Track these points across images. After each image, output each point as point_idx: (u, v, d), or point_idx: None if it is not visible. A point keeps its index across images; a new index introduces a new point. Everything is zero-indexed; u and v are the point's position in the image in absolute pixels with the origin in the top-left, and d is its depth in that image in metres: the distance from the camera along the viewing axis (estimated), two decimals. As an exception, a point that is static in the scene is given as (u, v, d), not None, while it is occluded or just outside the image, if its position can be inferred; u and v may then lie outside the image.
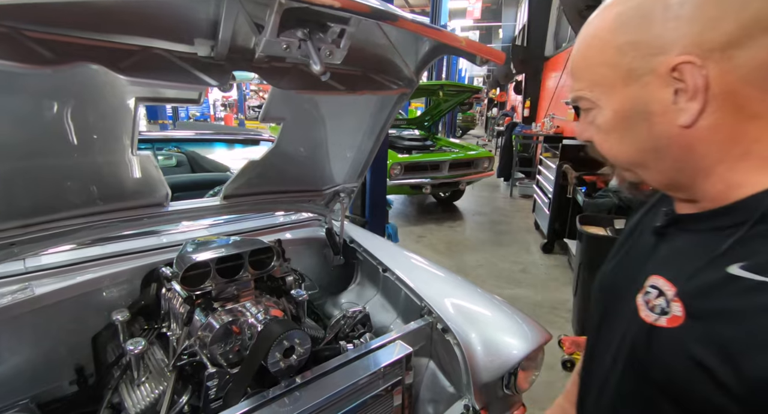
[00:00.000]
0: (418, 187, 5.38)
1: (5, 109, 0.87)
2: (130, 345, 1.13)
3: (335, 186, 1.83)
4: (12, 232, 1.09)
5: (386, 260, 1.72)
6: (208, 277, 1.21)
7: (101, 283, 1.36)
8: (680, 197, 0.54)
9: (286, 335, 1.08)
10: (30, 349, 1.24)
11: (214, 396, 1.08)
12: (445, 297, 1.42)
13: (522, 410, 1.31)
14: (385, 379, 1.12)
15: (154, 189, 1.30)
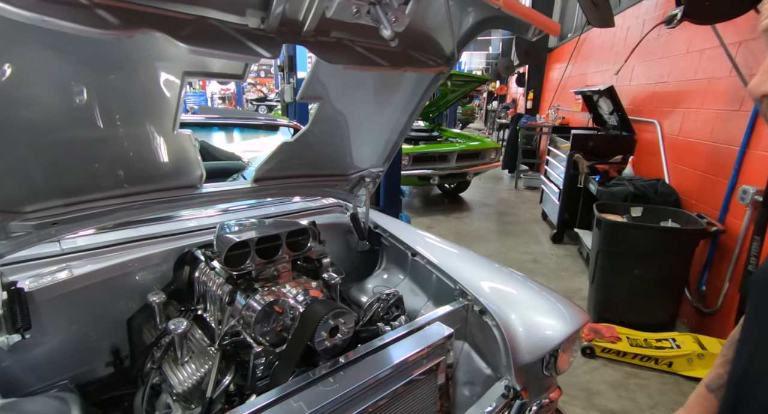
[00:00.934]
0: (426, 178, 5.38)
1: (57, 77, 0.85)
2: (173, 325, 1.13)
3: (360, 171, 1.82)
4: (54, 210, 1.07)
5: (415, 245, 1.72)
6: (248, 258, 1.21)
7: (134, 266, 1.36)
8: None
9: (332, 314, 1.08)
10: (68, 330, 1.23)
11: (261, 374, 1.08)
12: (479, 280, 1.42)
13: (558, 393, 1.32)
14: (428, 359, 1.12)
15: (189, 170, 1.29)
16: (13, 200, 1.00)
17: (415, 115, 1.55)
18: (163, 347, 1.23)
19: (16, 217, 1.01)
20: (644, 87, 3.89)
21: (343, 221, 1.97)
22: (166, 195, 1.30)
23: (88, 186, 1.13)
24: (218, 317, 1.28)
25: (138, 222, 1.51)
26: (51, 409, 1.01)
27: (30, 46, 0.78)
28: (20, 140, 0.91)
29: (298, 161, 1.56)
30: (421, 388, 1.10)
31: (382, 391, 0.98)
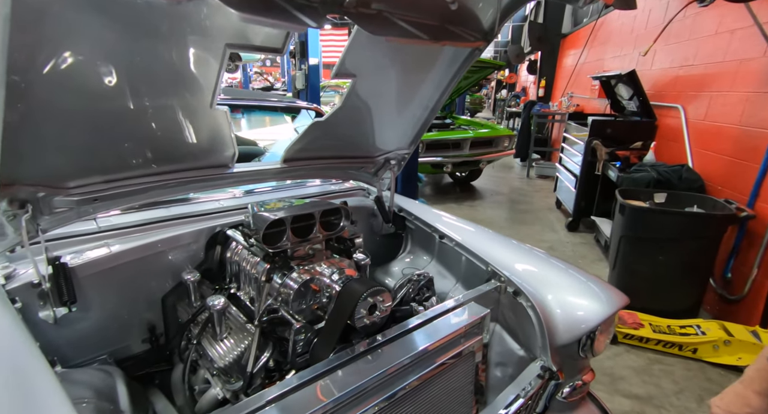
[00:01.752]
0: (439, 165, 5.34)
1: (102, 51, 0.84)
2: (212, 301, 1.13)
3: (386, 153, 1.80)
4: (95, 187, 1.08)
5: (442, 228, 1.71)
6: (284, 236, 1.20)
7: (166, 245, 1.36)
8: None
9: (370, 292, 1.08)
10: (107, 306, 1.25)
11: (300, 350, 1.09)
12: (511, 261, 1.41)
13: (591, 375, 1.31)
14: (466, 338, 1.12)
15: (223, 148, 1.28)
16: (57, 176, 1.01)
17: (445, 95, 1.52)
18: (200, 324, 1.24)
19: (60, 192, 1.02)
20: (667, 71, 3.79)
21: (366, 204, 1.96)
22: (199, 174, 1.30)
23: (127, 163, 1.13)
24: (252, 296, 1.28)
25: (168, 202, 1.51)
26: (99, 380, 1.03)
27: (76, 16, 0.77)
28: (65, 118, 0.92)
29: (327, 142, 1.55)
30: (458, 367, 1.10)
31: (419, 370, 0.98)
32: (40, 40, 0.75)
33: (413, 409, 0.97)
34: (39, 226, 1.06)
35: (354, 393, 0.83)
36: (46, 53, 0.77)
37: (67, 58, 0.80)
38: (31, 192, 0.97)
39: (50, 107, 0.86)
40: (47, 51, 0.77)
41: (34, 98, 0.81)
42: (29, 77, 0.77)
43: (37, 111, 0.84)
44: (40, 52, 0.76)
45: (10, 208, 0.95)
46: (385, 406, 0.89)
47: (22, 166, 0.91)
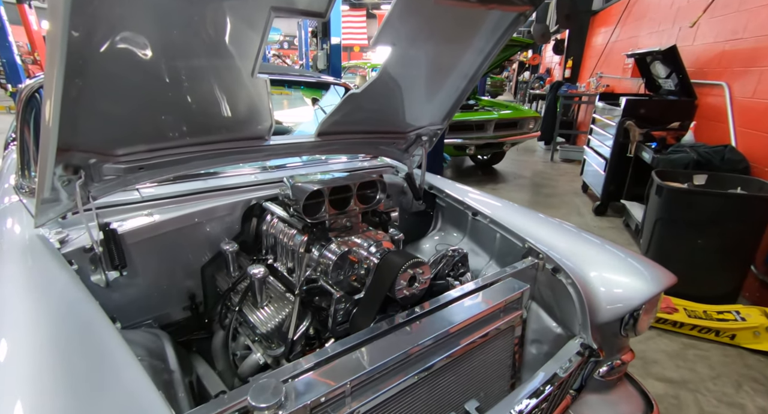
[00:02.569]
0: (462, 147, 5.24)
1: (150, 17, 0.84)
2: (253, 269, 1.15)
3: (419, 128, 1.76)
4: (140, 155, 1.10)
5: (475, 204, 1.68)
6: (322, 207, 1.20)
7: (204, 216, 1.39)
8: None
9: (410, 264, 1.07)
10: (151, 273, 1.29)
11: (339, 320, 1.10)
12: (550, 238, 1.38)
13: (630, 355, 1.28)
14: (505, 312, 1.11)
15: (261, 119, 1.28)
16: (107, 144, 1.03)
17: (485, 66, 1.46)
18: (240, 292, 1.27)
19: (109, 159, 1.04)
20: (711, 46, 3.57)
21: (395, 181, 1.95)
22: (237, 145, 1.31)
23: (169, 134, 1.14)
24: (289, 267, 1.30)
25: (204, 175, 1.53)
26: (150, 341, 1.07)
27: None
28: (115, 91, 0.93)
29: (361, 116, 1.53)
30: (497, 341, 1.09)
31: (458, 342, 0.97)
32: (96, 19, 0.76)
33: (451, 380, 0.97)
34: (90, 193, 1.09)
35: (394, 362, 0.84)
36: (101, 32, 0.79)
37: (119, 35, 0.82)
38: (84, 158, 0.99)
39: (103, 81, 0.88)
40: (102, 29, 0.79)
41: (90, 73, 0.84)
42: (85, 54, 0.80)
43: (91, 85, 0.86)
44: (96, 30, 0.78)
45: (65, 174, 0.98)
46: (424, 376, 0.89)
47: (76, 133, 0.93)
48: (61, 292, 0.85)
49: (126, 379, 0.65)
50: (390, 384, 0.82)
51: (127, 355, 0.69)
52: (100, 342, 0.72)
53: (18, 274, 0.91)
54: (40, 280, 0.89)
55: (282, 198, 1.24)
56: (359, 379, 0.78)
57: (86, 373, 0.65)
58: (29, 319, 0.76)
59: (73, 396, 0.61)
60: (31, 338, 0.72)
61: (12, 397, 0.59)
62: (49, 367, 0.66)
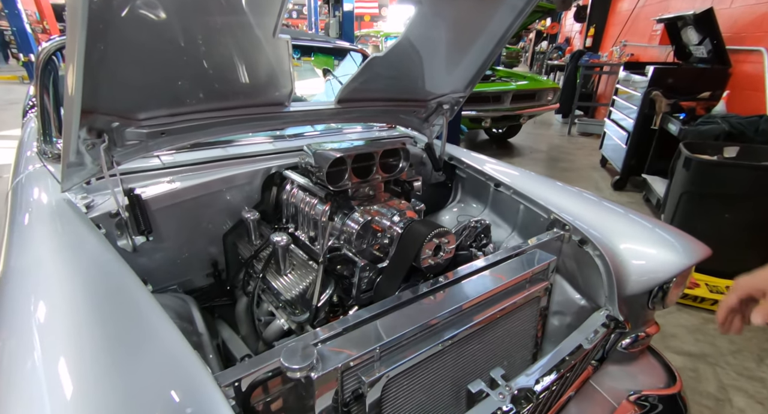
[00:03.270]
0: (477, 120, 5.11)
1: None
2: (276, 237, 1.15)
3: (440, 96, 1.70)
4: (162, 120, 1.08)
5: (496, 175, 1.64)
6: (345, 175, 1.18)
7: (224, 184, 1.38)
8: None
9: (435, 233, 1.05)
10: (175, 239, 1.31)
11: (364, 288, 1.10)
12: (576, 210, 1.34)
13: (655, 327, 1.27)
14: (531, 283, 1.09)
15: (281, 84, 1.24)
16: (129, 108, 1.02)
17: (514, 28, 1.38)
18: (263, 260, 1.27)
19: (131, 123, 1.03)
20: (750, 8, 3.32)
21: (414, 152, 1.91)
22: (257, 111, 1.28)
23: (190, 98, 1.12)
24: (311, 235, 1.29)
25: (224, 142, 1.52)
26: (175, 303, 1.09)
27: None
28: (136, 55, 0.91)
29: (381, 83, 1.47)
30: (522, 312, 1.08)
31: (484, 312, 0.96)
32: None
33: (476, 348, 0.97)
34: (113, 157, 1.08)
35: (420, 330, 0.84)
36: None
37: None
38: (107, 121, 0.98)
39: (123, 45, 0.87)
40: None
41: (110, 37, 0.83)
42: (106, 18, 0.79)
43: (112, 48, 0.85)
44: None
45: (89, 137, 0.97)
46: (449, 344, 0.89)
47: (98, 96, 0.91)
48: (92, 255, 0.85)
49: (163, 339, 0.66)
50: (416, 351, 0.82)
51: (161, 316, 0.69)
52: (134, 303, 0.73)
53: (48, 237, 0.92)
54: (71, 242, 0.90)
55: (303, 166, 1.22)
56: (387, 346, 0.78)
57: (123, 333, 0.66)
58: (64, 281, 0.77)
59: (113, 355, 0.62)
60: (68, 299, 0.72)
61: (55, 355, 0.61)
62: (87, 327, 0.67)
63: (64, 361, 0.60)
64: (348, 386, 0.74)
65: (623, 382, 1.21)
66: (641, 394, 1.16)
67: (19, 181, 1.28)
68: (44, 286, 0.76)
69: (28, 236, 0.94)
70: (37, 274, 0.79)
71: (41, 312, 0.70)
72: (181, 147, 1.41)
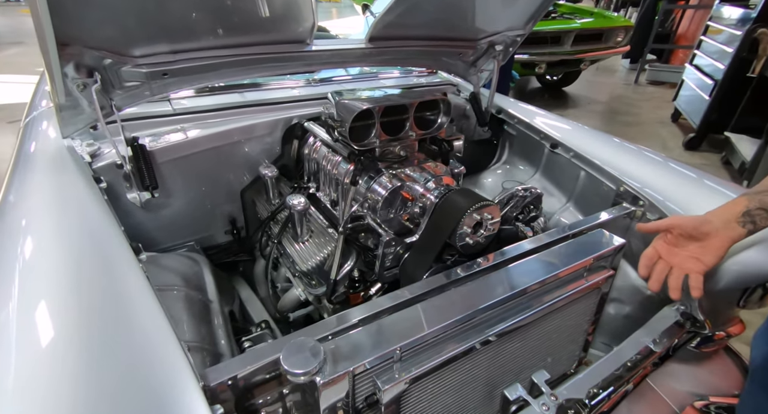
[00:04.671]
0: (530, 65, 4.53)
1: None
2: (293, 200, 1.02)
3: (493, 34, 1.40)
4: (162, 57, 0.93)
5: (555, 133, 1.38)
6: (372, 131, 0.99)
7: (242, 135, 1.25)
8: None
9: (477, 207, 0.87)
10: (189, 194, 1.22)
11: (388, 264, 0.96)
12: (654, 181, 1.09)
13: (740, 327, 1.06)
14: (590, 271, 0.90)
15: (301, 17, 1.03)
16: (121, 42, 0.87)
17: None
18: (280, 222, 1.16)
19: (126, 60, 0.90)
20: None
21: (457, 103, 1.65)
22: (274, 49, 1.09)
23: (194, 32, 0.95)
24: (333, 198, 1.15)
25: (242, 87, 1.35)
26: (185, 266, 1.01)
27: None
28: None
29: (421, 17, 1.21)
30: (577, 305, 0.91)
31: (530, 306, 0.80)
32: None
33: (516, 346, 0.83)
34: (113, 101, 0.96)
35: (452, 326, 0.69)
36: None
37: None
38: (96, 57, 0.85)
39: None
40: None
41: None
42: None
43: None
44: None
45: (78, 76, 0.84)
46: (486, 342, 0.75)
47: (77, 24, 0.76)
48: (77, 213, 0.76)
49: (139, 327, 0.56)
50: (445, 350, 0.69)
51: (142, 286, 0.60)
52: (114, 272, 0.64)
53: (39, 188, 0.84)
54: (59, 197, 0.81)
55: (325, 118, 1.04)
56: (410, 345, 0.65)
57: (92, 317, 0.57)
58: (41, 241, 0.70)
59: (77, 342, 0.53)
60: (47, 262, 0.64)
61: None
62: (56, 300, 0.58)
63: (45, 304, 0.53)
64: (361, 391, 0.63)
65: (688, 383, 1.04)
66: (709, 401, 0.99)
67: (32, 118, 1.21)
68: (21, 243, 0.68)
69: (24, 183, 0.87)
70: (18, 231, 0.71)
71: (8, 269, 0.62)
72: (198, 89, 1.27)
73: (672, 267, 0.80)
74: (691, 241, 0.79)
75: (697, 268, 0.77)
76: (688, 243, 0.80)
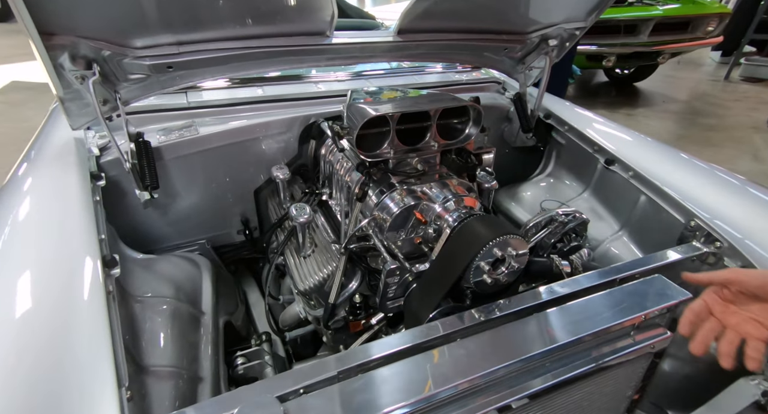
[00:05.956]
0: (597, 57, 4.07)
1: None
2: (295, 210, 0.93)
3: (547, 26, 1.20)
4: (166, 49, 0.87)
5: (612, 145, 1.16)
6: (386, 140, 0.87)
7: (257, 132, 1.18)
8: None
9: (500, 241, 0.72)
10: (200, 192, 1.18)
11: (392, 295, 0.85)
12: (742, 215, 0.87)
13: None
14: (640, 331, 0.73)
15: (319, 6, 0.91)
16: (117, 31, 0.82)
17: None
18: (286, 230, 1.08)
19: (127, 52, 0.84)
20: None
21: (500, 104, 1.47)
22: (290, 42, 0.99)
23: (198, 21, 0.88)
24: (345, 209, 1.05)
25: (261, 80, 1.28)
26: (181, 270, 0.97)
27: None
28: None
29: (460, 4, 1.05)
30: (619, 370, 0.74)
31: (555, 368, 0.66)
32: None
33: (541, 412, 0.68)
34: (118, 95, 0.92)
35: (451, 392, 0.57)
36: None
37: None
38: (93, 48, 0.80)
39: None
40: None
41: None
42: None
43: None
44: None
45: (76, 68, 0.80)
46: (500, 409, 0.62)
47: (64, 12, 0.72)
48: (58, 216, 0.73)
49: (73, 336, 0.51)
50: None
51: (90, 308, 0.55)
52: (65, 287, 0.59)
53: (32, 182, 0.83)
54: (45, 196, 0.79)
55: (331, 123, 0.94)
56: (399, 411, 0.54)
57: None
58: (16, 236, 0.68)
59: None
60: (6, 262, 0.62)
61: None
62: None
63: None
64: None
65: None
66: None
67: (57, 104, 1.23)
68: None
69: (25, 175, 0.87)
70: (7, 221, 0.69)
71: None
72: (214, 81, 1.22)
73: (726, 328, 0.62)
74: (755, 302, 0.61)
75: (759, 333, 0.60)
76: (750, 302, 0.62)
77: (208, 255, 1.28)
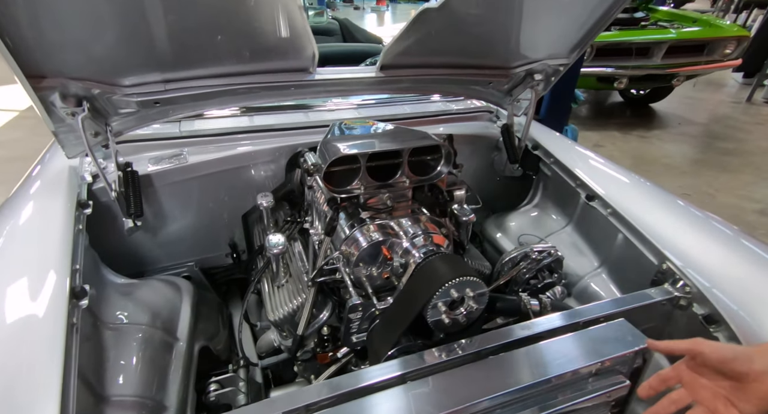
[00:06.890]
0: (609, 79, 4.05)
1: None
2: (271, 241, 0.96)
3: (531, 62, 1.22)
4: (153, 87, 0.92)
5: (593, 181, 1.16)
6: (357, 177, 0.90)
7: (247, 160, 1.23)
8: None
9: (457, 283, 0.73)
10: (190, 216, 1.23)
11: (356, 330, 0.86)
12: (711, 258, 0.85)
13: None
14: (599, 379, 0.72)
15: (299, 47, 0.96)
16: (104, 72, 0.87)
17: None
18: (266, 258, 1.12)
19: (115, 90, 0.90)
20: None
21: (489, 133, 1.49)
22: (274, 78, 1.04)
23: (185, 59, 0.93)
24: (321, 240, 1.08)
25: (252, 110, 1.34)
26: (161, 296, 1.00)
27: None
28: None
29: (443, 43, 1.08)
30: (577, 416, 0.73)
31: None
32: None
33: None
34: (109, 127, 0.98)
35: None
36: None
37: None
38: (83, 87, 0.86)
39: None
40: None
41: None
42: None
43: None
44: None
45: (66, 105, 0.86)
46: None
47: (51, 57, 0.78)
48: (37, 243, 0.78)
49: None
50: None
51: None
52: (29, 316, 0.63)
53: (22, 208, 0.89)
54: (29, 222, 0.84)
55: (302, 160, 0.97)
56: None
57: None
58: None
59: None
60: None
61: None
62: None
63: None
64: None
65: None
66: None
67: None
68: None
69: (19, 200, 0.93)
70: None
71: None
72: (199, 114, 1.28)
73: (696, 402, 0.59)
74: (724, 378, 0.57)
75: (728, 413, 0.56)
76: (719, 378, 0.58)
77: (196, 277, 1.32)
